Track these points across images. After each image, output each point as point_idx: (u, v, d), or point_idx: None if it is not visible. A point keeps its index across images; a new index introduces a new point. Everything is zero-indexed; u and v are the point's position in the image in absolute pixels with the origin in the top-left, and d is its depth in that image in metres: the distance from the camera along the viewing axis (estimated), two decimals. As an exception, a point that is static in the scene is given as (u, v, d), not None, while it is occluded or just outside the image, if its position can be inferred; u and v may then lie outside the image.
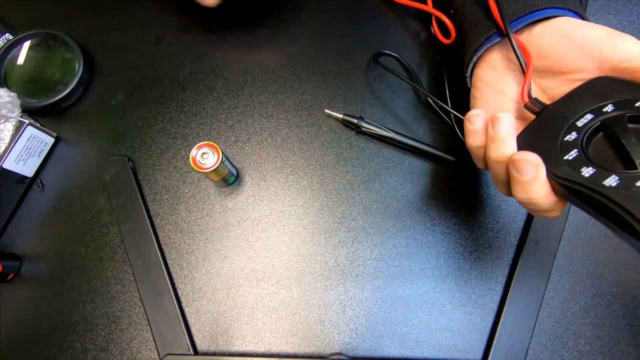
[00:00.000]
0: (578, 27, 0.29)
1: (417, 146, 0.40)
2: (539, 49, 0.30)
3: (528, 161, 0.25)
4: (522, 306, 0.37)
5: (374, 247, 0.39)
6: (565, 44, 0.29)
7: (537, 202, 0.26)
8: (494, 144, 0.28)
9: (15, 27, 0.44)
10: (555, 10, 0.30)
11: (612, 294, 0.37)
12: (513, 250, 0.39)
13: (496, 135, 0.28)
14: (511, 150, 0.27)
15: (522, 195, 0.26)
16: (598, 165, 0.23)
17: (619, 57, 0.27)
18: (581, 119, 0.25)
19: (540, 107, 0.29)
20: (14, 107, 0.38)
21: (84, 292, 0.38)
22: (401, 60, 0.43)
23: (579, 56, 0.28)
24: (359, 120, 0.40)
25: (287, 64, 0.44)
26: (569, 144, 0.25)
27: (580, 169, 0.23)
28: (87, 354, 0.37)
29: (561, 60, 0.29)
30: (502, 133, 0.27)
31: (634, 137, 0.23)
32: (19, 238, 0.40)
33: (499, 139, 0.27)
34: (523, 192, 0.26)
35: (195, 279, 0.38)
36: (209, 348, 0.37)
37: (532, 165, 0.25)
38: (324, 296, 0.38)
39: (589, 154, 0.24)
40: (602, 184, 0.22)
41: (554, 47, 0.30)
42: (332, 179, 0.41)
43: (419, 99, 0.43)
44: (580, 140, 0.24)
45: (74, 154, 0.42)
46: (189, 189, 0.41)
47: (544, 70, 0.31)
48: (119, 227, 0.39)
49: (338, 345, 0.37)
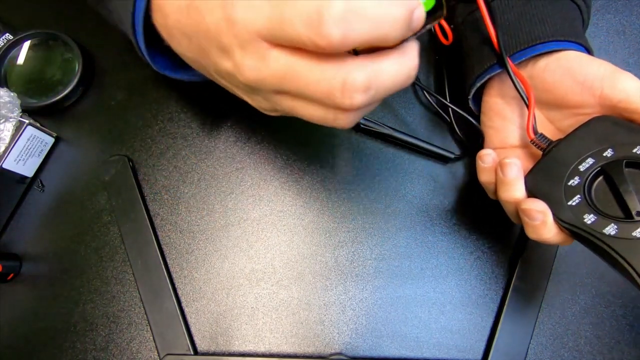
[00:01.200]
0: (580, 64, 0.30)
1: (417, 143, 0.40)
2: (543, 83, 0.31)
3: (536, 210, 0.28)
4: (522, 306, 0.37)
5: (374, 247, 0.39)
6: (567, 81, 0.30)
7: (548, 241, 0.28)
8: (503, 187, 0.30)
9: (15, 27, 0.43)
10: (558, 43, 0.31)
11: (612, 294, 0.37)
12: (513, 250, 0.39)
13: (505, 179, 0.30)
14: (520, 192, 0.29)
15: (534, 235, 0.28)
16: (599, 211, 0.25)
17: (618, 97, 0.28)
18: (583, 162, 0.27)
19: (546, 144, 0.30)
20: (14, 107, 0.38)
21: (84, 292, 0.38)
22: None
23: (581, 93, 0.29)
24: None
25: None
26: (573, 189, 0.27)
27: (583, 216, 0.26)
28: (87, 354, 0.37)
29: (564, 95, 0.30)
30: (510, 177, 0.29)
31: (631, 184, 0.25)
32: (19, 238, 0.40)
33: (508, 183, 0.30)
34: (534, 234, 0.28)
35: (195, 279, 0.38)
36: (209, 348, 0.37)
37: (539, 213, 0.27)
38: (324, 296, 0.38)
39: (591, 199, 0.26)
40: (602, 232, 0.25)
41: (556, 82, 0.30)
42: (332, 178, 0.41)
43: (418, 98, 0.43)
44: (583, 185, 0.27)
45: (74, 154, 0.42)
46: (189, 189, 0.41)
47: (549, 103, 0.31)
48: (119, 227, 0.39)
49: (338, 345, 0.37)
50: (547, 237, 0.28)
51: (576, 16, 0.33)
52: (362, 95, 0.20)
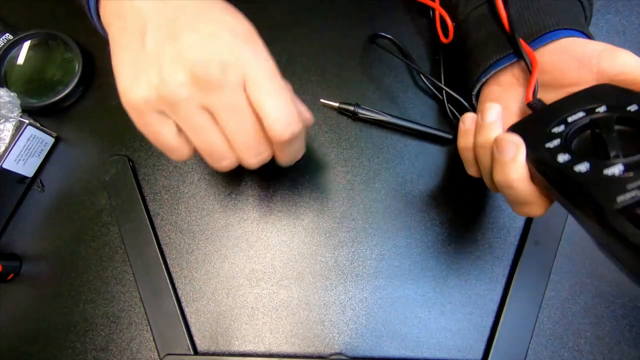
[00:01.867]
0: (579, 43, 0.30)
1: (414, 127, 0.40)
2: (542, 64, 0.31)
3: (509, 141, 0.26)
4: (522, 306, 0.37)
5: (374, 247, 0.39)
6: (565, 59, 0.30)
7: (514, 186, 0.26)
8: (481, 130, 0.29)
9: (15, 27, 0.43)
10: (563, 31, 0.31)
11: (612, 294, 0.37)
12: (513, 250, 0.39)
13: (484, 122, 0.28)
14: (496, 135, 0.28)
15: (501, 176, 0.26)
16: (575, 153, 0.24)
17: (616, 70, 0.27)
18: (573, 115, 0.26)
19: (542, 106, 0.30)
20: (14, 107, 0.38)
21: (84, 292, 0.38)
22: (397, 43, 0.42)
23: (578, 69, 0.29)
24: (355, 107, 0.41)
25: (287, 62, 0.44)
26: (554, 135, 0.25)
27: (557, 155, 0.24)
28: (87, 354, 0.37)
29: (562, 74, 0.30)
30: (489, 120, 0.28)
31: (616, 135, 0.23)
32: (19, 238, 0.40)
33: (486, 126, 0.28)
34: (502, 173, 0.26)
35: (195, 279, 0.38)
36: (209, 348, 0.37)
37: (512, 145, 0.26)
38: (324, 296, 0.38)
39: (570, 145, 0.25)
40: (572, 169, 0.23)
41: (555, 62, 0.30)
42: (332, 178, 0.41)
43: (416, 83, 0.43)
44: (566, 132, 0.25)
45: (74, 154, 0.42)
46: (189, 189, 0.41)
47: (547, 85, 0.31)
48: (119, 227, 0.39)
49: (338, 345, 0.37)
50: (514, 177, 0.26)
51: (579, 11, 0.34)
52: None
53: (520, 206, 0.27)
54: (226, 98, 0.24)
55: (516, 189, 0.26)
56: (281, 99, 0.25)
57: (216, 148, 0.26)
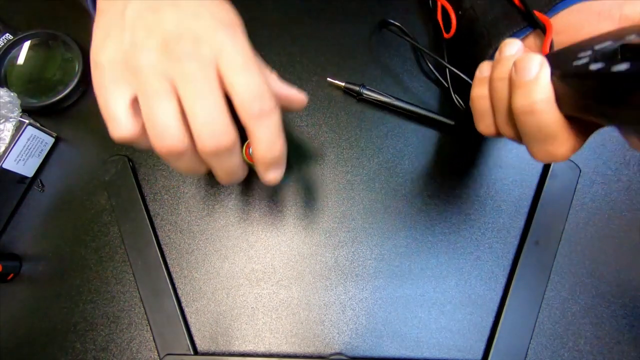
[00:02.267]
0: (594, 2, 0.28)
1: (416, 110, 0.41)
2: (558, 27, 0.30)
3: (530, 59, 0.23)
4: (522, 306, 0.37)
5: (374, 247, 0.39)
6: (582, 16, 0.28)
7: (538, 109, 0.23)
8: (499, 64, 0.26)
9: (15, 27, 0.43)
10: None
11: (612, 294, 0.37)
12: (513, 250, 0.39)
13: (502, 57, 0.27)
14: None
15: (522, 100, 0.23)
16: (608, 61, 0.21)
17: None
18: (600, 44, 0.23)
19: None
20: (14, 107, 0.38)
21: (84, 292, 0.38)
22: (404, 30, 0.42)
23: (599, 22, 0.27)
24: (360, 88, 0.41)
25: (287, 63, 0.44)
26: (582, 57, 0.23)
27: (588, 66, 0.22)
28: (87, 354, 0.37)
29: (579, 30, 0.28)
30: (509, 54, 0.26)
31: None
32: (19, 238, 0.40)
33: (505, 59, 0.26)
34: (523, 97, 0.23)
35: (195, 279, 0.38)
36: (209, 348, 0.37)
37: (534, 62, 0.23)
38: (324, 296, 0.38)
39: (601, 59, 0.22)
40: (610, 70, 0.20)
41: (570, 20, 0.29)
42: (332, 178, 0.41)
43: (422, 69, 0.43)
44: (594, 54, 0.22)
45: (74, 154, 0.42)
46: (189, 189, 0.41)
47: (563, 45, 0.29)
48: (119, 227, 0.39)
49: (338, 345, 0.37)
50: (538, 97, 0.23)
51: None
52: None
53: (543, 142, 0.24)
54: (193, 68, 0.23)
55: (540, 113, 0.23)
56: (254, 76, 0.24)
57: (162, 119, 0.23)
